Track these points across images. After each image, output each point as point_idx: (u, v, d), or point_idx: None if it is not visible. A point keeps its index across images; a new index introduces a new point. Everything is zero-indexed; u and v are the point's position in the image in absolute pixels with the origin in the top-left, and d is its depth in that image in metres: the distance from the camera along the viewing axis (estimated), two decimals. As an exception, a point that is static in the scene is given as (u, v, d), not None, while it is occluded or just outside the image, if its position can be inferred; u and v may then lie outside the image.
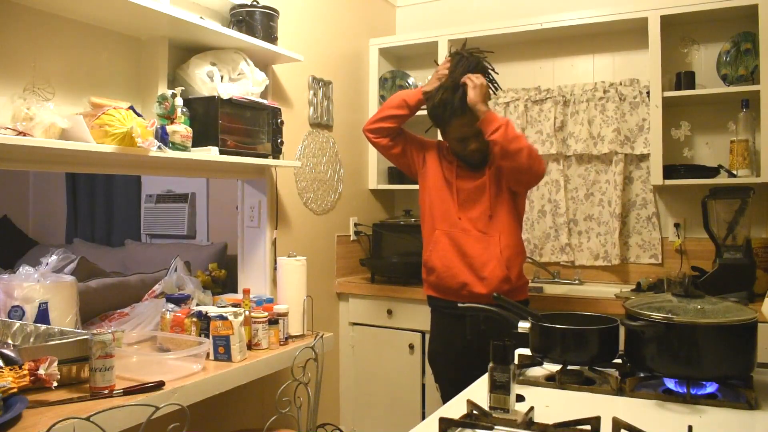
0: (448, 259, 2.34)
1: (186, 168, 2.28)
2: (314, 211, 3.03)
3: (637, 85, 3.00)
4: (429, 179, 2.43)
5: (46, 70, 1.86)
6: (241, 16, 2.40)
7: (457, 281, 2.32)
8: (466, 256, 2.31)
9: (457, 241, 2.33)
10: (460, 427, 1.14)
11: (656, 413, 1.28)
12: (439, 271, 2.36)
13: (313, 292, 2.47)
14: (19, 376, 1.46)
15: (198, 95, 2.20)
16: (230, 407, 2.42)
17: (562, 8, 3.17)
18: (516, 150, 2.17)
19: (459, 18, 3.47)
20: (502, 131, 2.17)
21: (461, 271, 2.31)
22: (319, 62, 3.04)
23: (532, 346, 1.55)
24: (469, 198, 2.34)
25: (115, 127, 1.77)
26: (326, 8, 3.10)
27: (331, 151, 3.15)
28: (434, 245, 2.38)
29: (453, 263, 2.33)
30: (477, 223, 2.32)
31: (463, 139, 2.29)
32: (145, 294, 2.62)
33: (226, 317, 1.95)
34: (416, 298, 2.92)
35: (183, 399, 1.63)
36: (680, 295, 1.45)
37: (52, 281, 2.02)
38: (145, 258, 4.28)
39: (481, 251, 2.30)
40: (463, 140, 2.30)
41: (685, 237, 2.97)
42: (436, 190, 2.41)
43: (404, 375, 2.99)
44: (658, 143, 2.80)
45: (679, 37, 2.95)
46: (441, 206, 2.38)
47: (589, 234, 3.14)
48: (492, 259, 2.28)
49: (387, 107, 2.44)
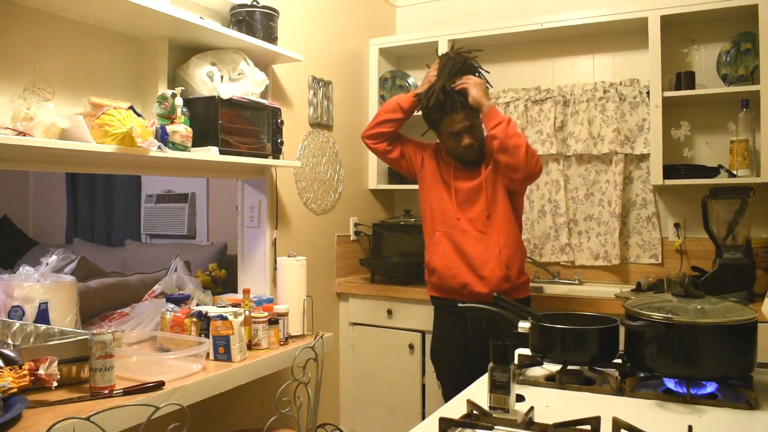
0: (449, 260, 2.38)
1: (186, 168, 2.28)
2: (314, 211, 3.03)
3: (637, 85, 3.00)
4: (428, 181, 2.48)
5: (46, 70, 1.86)
6: (241, 16, 2.40)
7: (458, 281, 2.36)
8: (466, 257, 2.35)
9: (457, 242, 2.37)
10: (460, 427, 1.14)
11: (656, 413, 1.28)
12: (440, 272, 2.40)
13: (313, 292, 2.47)
14: (19, 376, 1.46)
15: (198, 95, 2.20)
16: (230, 407, 2.42)
17: (562, 8, 3.16)
18: (514, 146, 2.23)
19: (459, 18, 3.47)
20: (503, 127, 2.24)
21: (462, 272, 2.35)
22: (319, 62, 3.04)
23: (532, 346, 1.55)
24: (468, 198, 2.38)
25: (115, 127, 1.77)
26: (326, 8, 3.10)
27: (331, 151, 3.15)
28: (435, 246, 2.43)
29: (453, 264, 2.37)
30: (476, 223, 2.36)
31: (455, 135, 2.34)
32: (145, 294, 2.62)
33: (226, 317, 1.95)
34: (416, 298, 2.92)
35: (183, 399, 1.63)
36: (680, 295, 1.45)
37: (52, 281, 2.02)
38: (145, 258, 4.28)
39: (481, 251, 2.33)
40: (456, 136, 2.34)
41: (685, 237, 2.97)
42: (434, 192, 2.45)
43: (404, 375, 2.99)
44: (658, 143, 2.80)
45: (679, 37, 2.95)
46: (440, 207, 2.42)
47: (589, 234, 3.14)
48: (491, 258, 2.32)
49: (382, 112, 2.50)
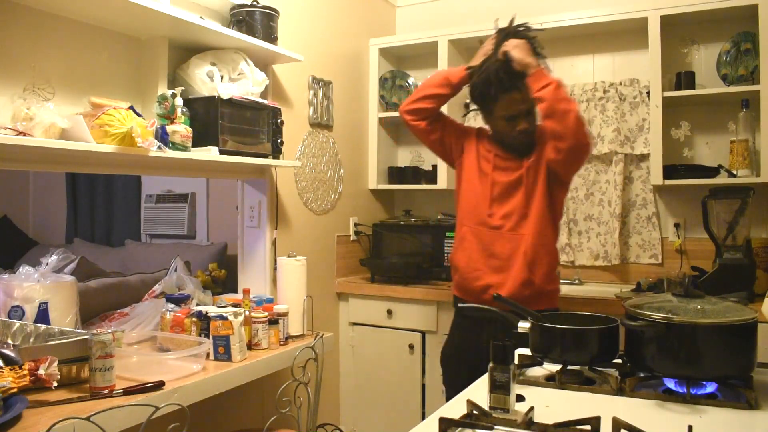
0: (473, 259, 2.18)
1: (186, 168, 2.28)
2: (314, 211, 3.03)
3: (637, 85, 3.00)
4: (464, 170, 2.26)
5: (46, 70, 1.86)
6: (241, 16, 2.40)
7: (481, 283, 2.16)
8: (493, 256, 2.15)
9: (484, 240, 2.16)
10: (460, 427, 1.14)
11: (656, 413, 1.28)
12: (463, 271, 2.21)
13: (313, 292, 2.47)
14: (19, 376, 1.46)
15: (198, 95, 2.20)
16: (230, 407, 2.42)
17: (562, 8, 3.16)
18: (564, 111, 1.99)
19: (459, 18, 3.47)
20: (552, 89, 2.00)
21: (485, 273, 2.15)
22: (319, 62, 3.04)
23: (532, 346, 1.55)
24: (504, 192, 2.16)
25: (115, 127, 1.77)
26: (326, 8, 3.10)
27: (331, 151, 3.15)
28: (460, 243, 2.23)
29: (477, 264, 2.17)
30: (509, 221, 2.14)
31: (511, 118, 2.11)
32: (145, 294, 2.62)
33: (226, 317, 1.95)
34: (416, 298, 2.92)
35: (183, 399, 1.63)
36: (680, 295, 1.45)
37: (52, 281, 2.02)
38: (145, 258, 4.28)
39: (509, 251, 2.13)
40: (512, 119, 2.11)
41: (685, 237, 2.97)
42: (468, 183, 2.23)
43: (404, 375, 2.99)
44: (658, 143, 2.80)
45: (679, 37, 2.95)
46: (471, 200, 2.21)
47: (589, 234, 3.14)
48: (517, 259, 2.12)
49: (427, 86, 2.25)
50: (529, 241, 2.11)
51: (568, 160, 2.10)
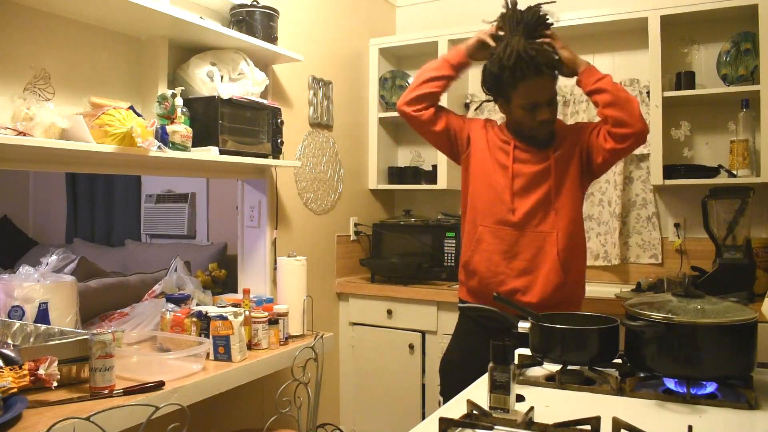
0: (494, 262, 2.00)
1: (186, 168, 2.28)
2: (314, 211, 3.03)
3: (637, 85, 3.00)
4: (473, 165, 2.08)
5: (46, 70, 1.86)
6: (241, 16, 2.40)
7: (505, 288, 1.98)
8: (517, 258, 1.99)
9: (506, 240, 2.00)
10: (460, 427, 1.14)
11: (656, 413, 1.28)
12: (483, 276, 2.03)
13: (313, 292, 2.47)
14: (19, 376, 1.46)
15: (198, 95, 2.20)
16: (230, 407, 2.42)
17: (562, 8, 3.13)
18: (626, 99, 1.93)
19: (459, 18, 3.47)
20: (610, 79, 1.95)
21: (509, 277, 1.99)
22: (319, 62, 3.04)
23: (532, 346, 1.55)
24: (528, 185, 1.99)
25: (115, 127, 1.77)
26: (326, 8, 3.10)
27: (331, 151, 3.15)
28: (477, 244, 2.04)
29: (500, 267, 2.00)
30: (533, 217, 1.98)
31: (533, 107, 1.95)
32: (145, 294, 2.62)
33: (226, 317, 1.95)
34: (416, 298, 2.92)
35: (183, 399, 1.63)
36: (680, 295, 1.45)
37: (52, 281, 2.02)
38: (145, 258, 4.28)
39: (536, 252, 1.98)
40: (534, 107, 1.95)
41: (685, 237, 2.97)
42: (482, 178, 2.05)
43: (404, 375, 2.99)
44: (658, 143, 2.80)
45: (679, 37, 2.95)
46: (488, 196, 2.03)
47: (589, 234, 3.14)
48: (547, 261, 1.96)
49: (424, 71, 2.11)
50: (563, 242, 1.97)
51: (632, 147, 1.98)
